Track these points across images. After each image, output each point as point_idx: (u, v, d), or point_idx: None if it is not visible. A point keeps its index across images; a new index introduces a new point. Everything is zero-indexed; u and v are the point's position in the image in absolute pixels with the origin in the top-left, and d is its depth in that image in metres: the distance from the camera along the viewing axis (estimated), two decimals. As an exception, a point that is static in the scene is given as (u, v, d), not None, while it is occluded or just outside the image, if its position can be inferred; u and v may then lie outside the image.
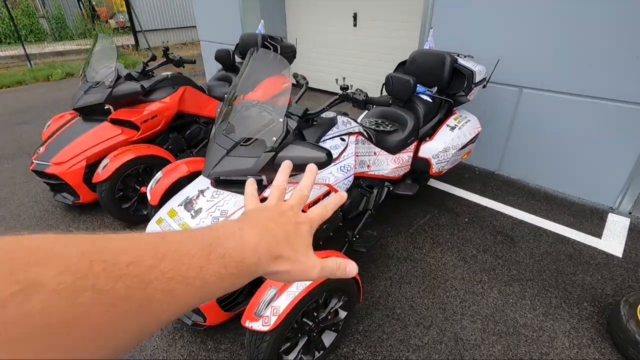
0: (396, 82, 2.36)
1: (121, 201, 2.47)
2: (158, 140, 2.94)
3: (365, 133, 2.11)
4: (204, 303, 0.32)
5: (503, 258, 2.20)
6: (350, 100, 1.80)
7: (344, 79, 1.88)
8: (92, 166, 2.48)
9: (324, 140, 1.84)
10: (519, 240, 2.36)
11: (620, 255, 2.20)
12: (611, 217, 2.58)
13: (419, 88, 2.50)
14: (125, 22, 11.01)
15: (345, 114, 2.08)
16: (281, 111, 1.59)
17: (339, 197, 0.47)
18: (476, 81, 2.41)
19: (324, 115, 1.95)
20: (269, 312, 1.26)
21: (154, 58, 3.08)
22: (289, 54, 3.69)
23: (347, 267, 0.42)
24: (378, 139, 2.22)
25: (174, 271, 0.26)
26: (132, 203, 2.52)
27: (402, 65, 2.67)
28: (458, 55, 2.49)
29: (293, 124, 1.64)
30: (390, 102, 1.79)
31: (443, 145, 2.31)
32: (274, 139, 1.53)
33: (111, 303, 0.22)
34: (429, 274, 2.10)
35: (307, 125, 1.85)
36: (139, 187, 2.51)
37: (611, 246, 2.28)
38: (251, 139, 1.61)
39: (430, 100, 2.43)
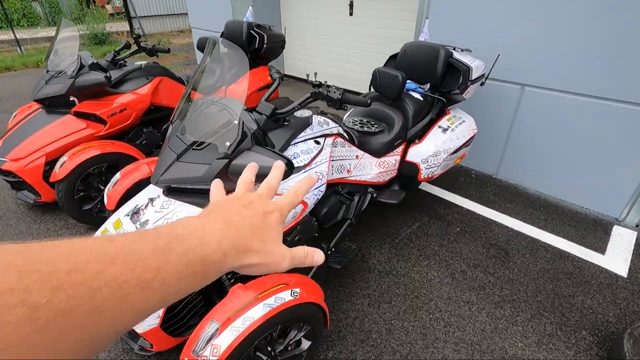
0: (383, 77, 2.14)
1: (82, 202, 2.28)
2: (130, 135, 2.74)
3: (345, 134, 1.90)
4: (163, 307, 0.28)
5: (495, 275, 2.00)
6: (324, 98, 1.59)
7: (315, 74, 1.67)
8: (53, 163, 2.28)
9: (294, 144, 1.64)
10: (514, 254, 2.15)
11: (625, 275, 2.00)
12: (616, 230, 2.36)
13: (410, 84, 2.27)
14: (121, 8, 10.72)
15: (323, 113, 1.87)
16: (237, 111, 1.38)
17: (310, 180, 0.46)
18: (473, 78, 2.17)
19: (298, 114, 1.74)
20: (208, 351, 1.07)
21: (127, 46, 2.85)
22: (277, 43, 3.47)
23: (315, 256, 0.41)
24: (361, 140, 2.01)
25: (126, 274, 0.24)
26: (95, 204, 2.33)
27: (393, 59, 2.44)
28: (454, 49, 2.25)
29: (252, 126, 1.43)
30: (370, 102, 1.57)
31: (433, 149, 2.09)
32: (228, 143, 1.32)
33: (46, 320, 0.19)
34: (412, 291, 1.90)
35: (276, 126, 1.64)
36: (102, 187, 2.32)
37: (615, 264, 2.08)
38: (204, 142, 1.40)
39: (421, 99, 2.20)
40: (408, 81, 2.27)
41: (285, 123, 1.67)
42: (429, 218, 2.47)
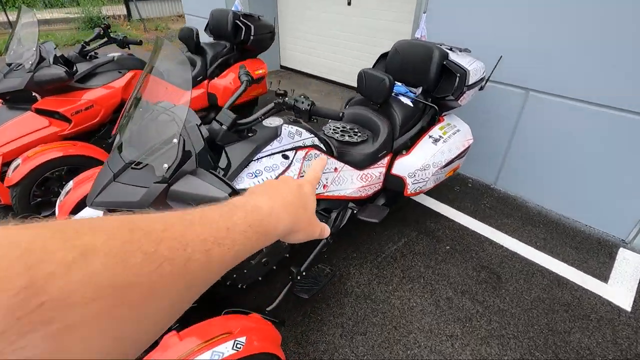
0: (370, 80, 1.92)
1: (40, 208, 2.11)
2: (101, 133, 2.56)
3: (323, 145, 1.70)
4: (236, 263, 0.31)
5: (484, 304, 1.82)
6: (290, 108, 1.38)
7: (279, 82, 1.46)
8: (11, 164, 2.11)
9: (258, 159, 1.44)
10: (507, 279, 1.96)
11: (629, 309, 1.80)
12: (622, 254, 2.15)
13: (400, 88, 2.05)
14: (120, -10, 10.40)
15: (297, 122, 1.67)
16: (179, 126, 1.18)
17: (321, 161, 0.54)
18: (470, 82, 1.95)
19: (266, 123, 1.55)
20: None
21: (100, 35, 2.65)
22: (265, 35, 3.23)
23: (326, 230, 0.47)
24: (341, 151, 1.80)
25: (205, 234, 0.28)
26: (53, 211, 2.16)
27: (383, 58, 2.22)
28: (451, 49, 2.02)
29: (198, 145, 1.24)
30: (342, 115, 1.36)
31: (422, 162, 1.88)
32: (166, 166, 1.13)
33: (159, 263, 0.23)
34: (391, 321, 1.73)
35: (238, 138, 1.45)
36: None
37: (619, 295, 1.88)
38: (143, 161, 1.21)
39: (411, 105, 1.98)
40: (398, 84, 2.06)
41: (250, 134, 1.48)
42: (418, 233, 2.28)
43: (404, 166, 1.90)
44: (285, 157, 1.51)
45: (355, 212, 1.90)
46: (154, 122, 1.31)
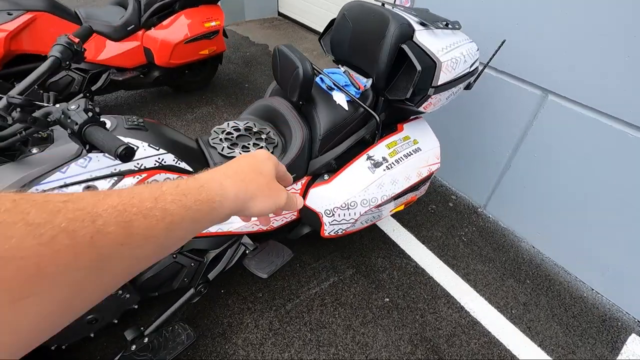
0: (283, 63, 1.28)
1: None
2: (-9, 91, 2.07)
3: (188, 163, 1.14)
4: (177, 236, 0.28)
5: (404, 404, 1.30)
6: (57, 124, 0.82)
7: (49, 94, 0.89)
8: None
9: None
10: (451, 365, 1.42)
11: None
12: (633, 343, 1.53)
13: (340, 78, 1.39)
14: None
15: (129, 126, 1.10)
16: None
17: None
18: (443, 81, 1.25)
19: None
20: None
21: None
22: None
23: (298, 201, 0.45)
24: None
25: (123, 203, 0.24)
26: None
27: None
28: (424, 24, 1.28)
29: None
30: (124, 151, 0.78)
31: (345, 197, 1.28)
32: None
33: (50, 236, 0.20)
34: (266, 412, 1.26)
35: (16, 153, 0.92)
36: None
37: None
38: None
39: (346, 109, 1.32)
40: (340, 71, 1.39)
41: (36, 151, 0.94)
42: (355, 272, 1.72)
43: (320, 198, 1.31)
44: (91, 189, 0.96)
45: (247, 252, 1.37)
46: None
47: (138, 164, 1.02)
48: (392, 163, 1.33)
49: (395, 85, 1.30)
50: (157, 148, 1.07)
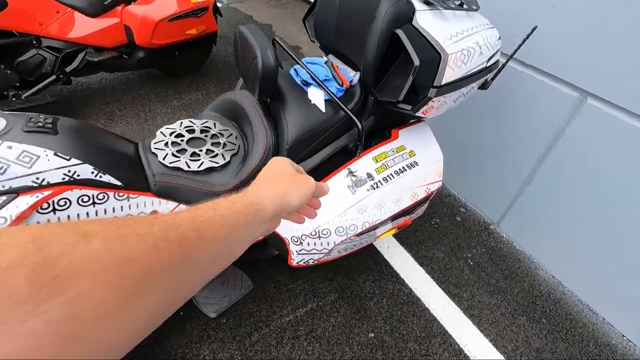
0: (243, 51, 1.02)
1: None
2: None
3: (114, 176, 0.90)
4: (236, 237, 0.34)
5: None
6: None
7: None
8: None
9: None
10: None
11: None
12: (671, 412, 1.24)
13: (320, 70, 1.11)
14: None
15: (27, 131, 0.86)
16: None
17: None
18: (449, 80, 0.95)
19: None
20: None
21: None
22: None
23: (325, 187, 0.50)
24: (168, 184, 0.99)
25: (193, 216, 0.30)
26: None
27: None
28: (428, 2, 0.97)
29: None
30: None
31: (315, 225, 1.02)
32: None
33: (153, 242, 0.25)
34: None
35: None
36: None
37: None
38: None
39: (323, 111, 1.05)
40: (320, 61, 1.12)
41: None
42: (338, 297, 1.48)
43: (286, 221, 1.05)
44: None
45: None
46: None
47: (37, 178, 0.79)
48: (379, 182, 1.05)
49: (387, 82, 1.01)
50: (68, 157, 0.83)
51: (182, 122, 1.13)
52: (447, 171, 1.18)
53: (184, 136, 1.08)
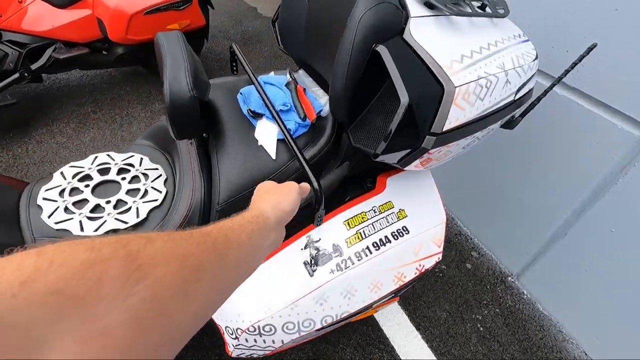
0: (160, 68, 0.71)
1: None
2: None
3: None
4: (256, 242, 0.38)
5: None
6: None
7: None
8: None
9: None
10: None
11: None
12: None
13: (277, 93, 0.80)
14: None
15: None
16: None
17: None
18: (453, 123, 0.62)
19: None
20: None
21: None
22: None
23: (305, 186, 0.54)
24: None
25: (218, 227, 0.34)
26: None
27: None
28: (430, 5, 0.64)
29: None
30: None
31: (255, 318, 0.72)
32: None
33: (197, 243, 0.29)
34: None
35: None
36: None
37: None
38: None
39: (273, 157, 0.74)
40: (292, 83, 0.81)
41: None
42: (308, 368, 1.19)
43: (221, 309, 0.76)
44: None
45: None
46: None
47: None
48: (350, 259, 0.74)
49: (365, 120, 0.70)
50: None
51: (96, 158, 0.85)
52: (459, 203, 0.87)
53: (92, 179, 0.80)
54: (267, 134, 0.74)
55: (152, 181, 0.82)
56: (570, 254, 1.23)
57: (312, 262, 0.73)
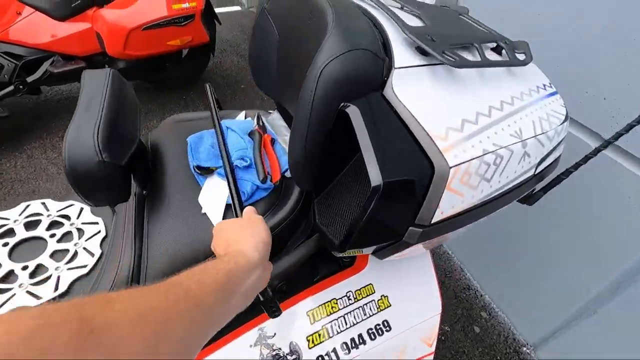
0: (76, 124, 0.57)
1: None
2: None
3: None
4: (233, 280, 0.36)
5: None
6: None
7: None
8: None
9: None
10: None
11: None
12: None
13: (239, 149, 0.65)
14: None
15: None
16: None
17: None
18: (446, 213, 0.46)
19: None
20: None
21: None
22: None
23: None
24: None
25: (193, 271, 0.34)
26: None
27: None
28: (424, 52, 0.48)
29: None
30: None
31: None
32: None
33: (165, 296, 0.28)
34: None
35: None
36: None
37: None
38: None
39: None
40: (260, 128, 0.67)
41: None
42: None
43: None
44: None
45: None
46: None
47: None
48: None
49: (334, 192, 0.54)
50: None
51: (27, 207, 0.72)
52: (469, 251, 0.70)
53: (14, 235, 0.67)
54: (214, 196, 0.59)
55: (86, 240, 0.69)
56: (599, 333, 1.02)
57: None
